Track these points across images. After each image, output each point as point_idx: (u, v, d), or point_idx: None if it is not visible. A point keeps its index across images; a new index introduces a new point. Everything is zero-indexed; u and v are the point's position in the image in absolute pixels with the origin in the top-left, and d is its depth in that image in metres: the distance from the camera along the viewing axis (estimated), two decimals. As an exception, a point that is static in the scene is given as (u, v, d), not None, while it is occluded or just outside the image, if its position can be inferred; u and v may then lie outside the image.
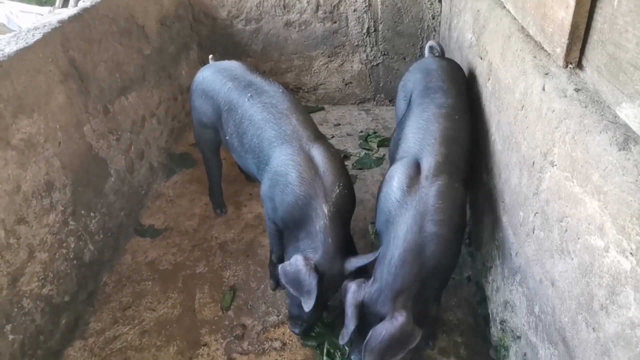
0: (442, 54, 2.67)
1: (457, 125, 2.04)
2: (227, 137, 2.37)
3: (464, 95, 2.26)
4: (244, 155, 2.29)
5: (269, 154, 2.10)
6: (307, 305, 1.83)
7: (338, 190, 1.98)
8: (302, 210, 1.95)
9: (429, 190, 1.79)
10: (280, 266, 1.91)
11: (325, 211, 1.93)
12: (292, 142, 2.06)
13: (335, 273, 1.91)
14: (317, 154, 2.04)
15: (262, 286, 2.43)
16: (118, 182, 2.67)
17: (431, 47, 2.69)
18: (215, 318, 2.28)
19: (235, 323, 2.25)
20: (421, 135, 1.99)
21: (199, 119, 2.53)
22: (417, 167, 1.89)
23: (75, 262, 2.24)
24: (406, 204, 1.80)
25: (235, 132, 2.28)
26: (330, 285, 1.93)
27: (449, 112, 2.07)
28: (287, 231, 2.08)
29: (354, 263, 1.92)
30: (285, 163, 2.02)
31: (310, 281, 1.82)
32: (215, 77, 2.41)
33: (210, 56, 2.73)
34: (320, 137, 2.15)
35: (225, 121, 2.34)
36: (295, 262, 1.87)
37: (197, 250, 2.67)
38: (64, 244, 2.17)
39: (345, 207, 2.02)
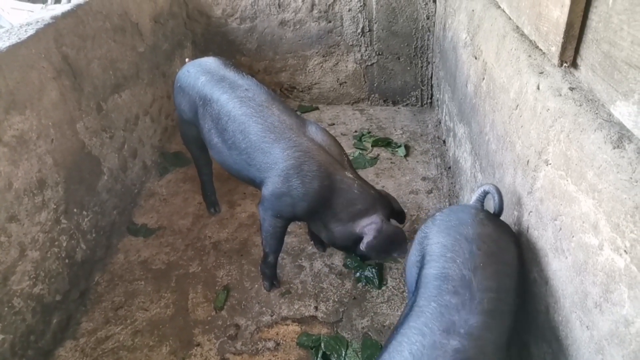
0: (499, 210, 1.55)
1: None
2: (205, 133, 2.34)
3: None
4: (226, 152, 2.25)
5: (264, 149, 2.08)
6: (406, 250, 2.01)
7: (346, 158, 2.21)
8: (330, 188, 2.06)
9: None
10: (364, 246, 2.05)
11: (350, 175, 2.11)
12: (286, 132, 2.08)
13: (398, 209, 2.25)
14: (315, 134, 2.16)
15: (256, 286, 2.42)
16: (111, 181, 2.64)
17: (485, 193, 1.57)
18: (209, 318, 2.26)
19: (228, 323, 2.23)
20: None
21: (180, 115, 2.53)
22: None
23: (67, 261, 2.22)
24: None
25: (214, 128, 2.25)
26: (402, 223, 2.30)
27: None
28: (313, 216, 2.16)
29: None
30: (294, 155, 2.04)
31: (398, 232, 2.08)
32: (190, 72, 2.41)
33: (187, 59, 2.75)
34: (305, 120, 2.25)
35: (201, 116, 2.32)
36: (376, 230, 2.03)
37: (191, 250, 2.65)
38: (56, 243, 2.15)
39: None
